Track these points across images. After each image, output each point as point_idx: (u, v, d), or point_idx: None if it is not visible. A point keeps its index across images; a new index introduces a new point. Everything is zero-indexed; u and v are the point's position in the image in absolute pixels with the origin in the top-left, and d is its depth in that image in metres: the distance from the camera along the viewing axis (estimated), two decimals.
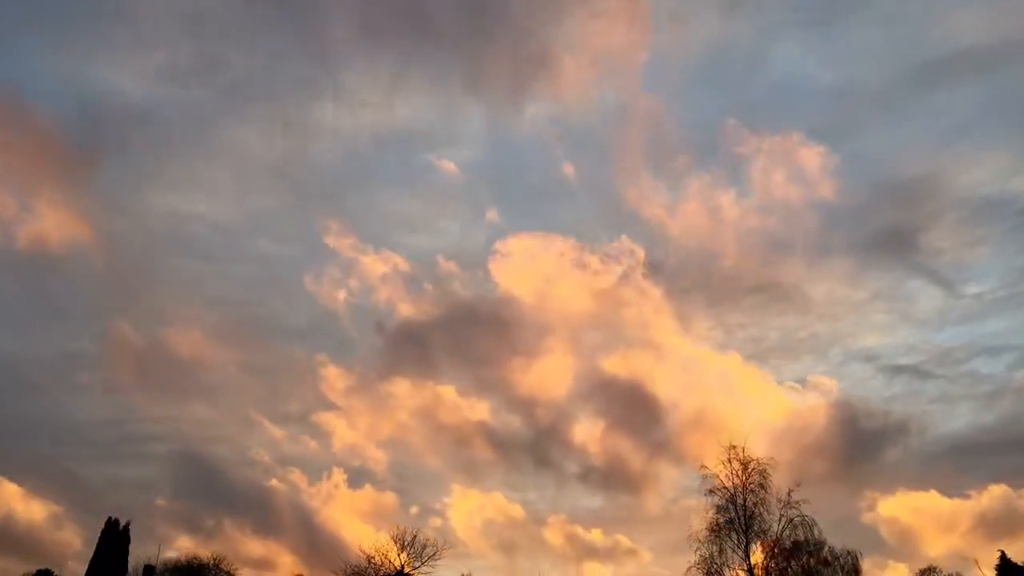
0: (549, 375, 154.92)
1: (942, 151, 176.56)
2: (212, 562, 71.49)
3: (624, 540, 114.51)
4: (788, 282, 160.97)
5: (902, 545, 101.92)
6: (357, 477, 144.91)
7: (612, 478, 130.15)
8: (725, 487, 54.40)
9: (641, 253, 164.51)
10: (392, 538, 65.59)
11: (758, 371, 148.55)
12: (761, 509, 53.72)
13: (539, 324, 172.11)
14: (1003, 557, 63.72)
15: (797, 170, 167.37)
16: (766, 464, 54.66)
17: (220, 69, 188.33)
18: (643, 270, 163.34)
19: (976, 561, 64.31)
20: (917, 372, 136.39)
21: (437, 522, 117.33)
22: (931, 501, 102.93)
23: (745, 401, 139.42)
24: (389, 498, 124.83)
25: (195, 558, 69.46)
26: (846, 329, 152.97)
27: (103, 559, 63.56)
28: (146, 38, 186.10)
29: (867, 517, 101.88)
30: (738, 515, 53.63)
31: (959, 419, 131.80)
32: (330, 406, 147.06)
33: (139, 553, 66.56)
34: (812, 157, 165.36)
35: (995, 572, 63.73)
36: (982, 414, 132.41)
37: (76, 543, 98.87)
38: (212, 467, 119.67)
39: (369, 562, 64.83)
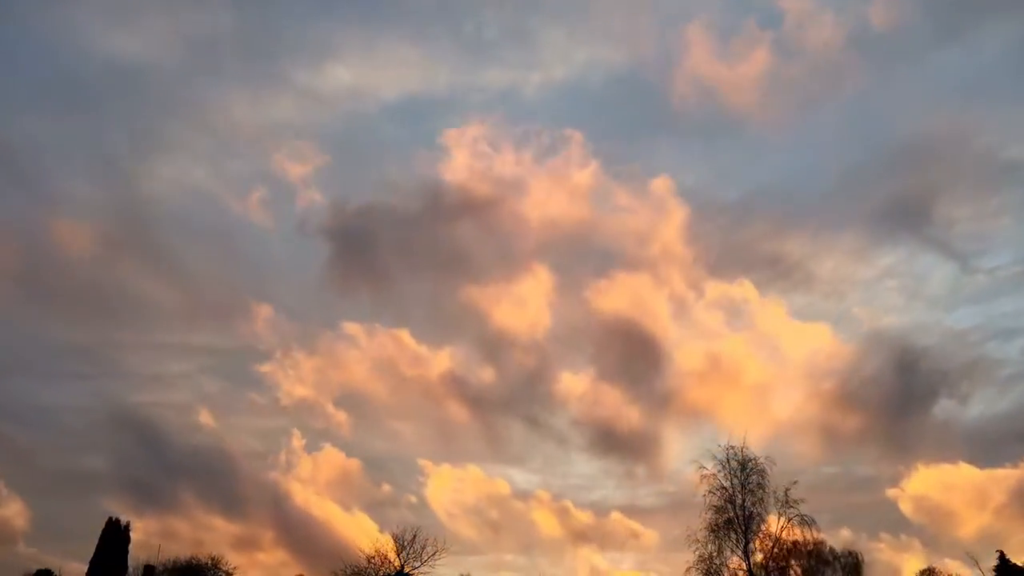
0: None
1: (958, 108, 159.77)
2: (210, 562, 71.54)
3: (626, 521, 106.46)
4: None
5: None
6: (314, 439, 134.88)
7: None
8: (724, 487, 54.42)
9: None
10: (392, 538, 65.73)
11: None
12: (760, 509, 53.84)
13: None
14: (1002, 557, 63.71)
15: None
16: (765, 464, 54.72)
17: None
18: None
19: (976, 561, 64.29)
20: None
21: (412, 499, 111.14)
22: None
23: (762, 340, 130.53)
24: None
25: (194, 558, 69.59)
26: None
27: (103, 559, 63.64)
28: None
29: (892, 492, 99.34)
30: (737, 515, 53.58)
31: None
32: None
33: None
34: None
35: (994, 573, 63.69)
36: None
37: None
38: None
39: (369, 562, 64.92)
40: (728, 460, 54.56)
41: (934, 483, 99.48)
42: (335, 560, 66.89)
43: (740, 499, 53.73)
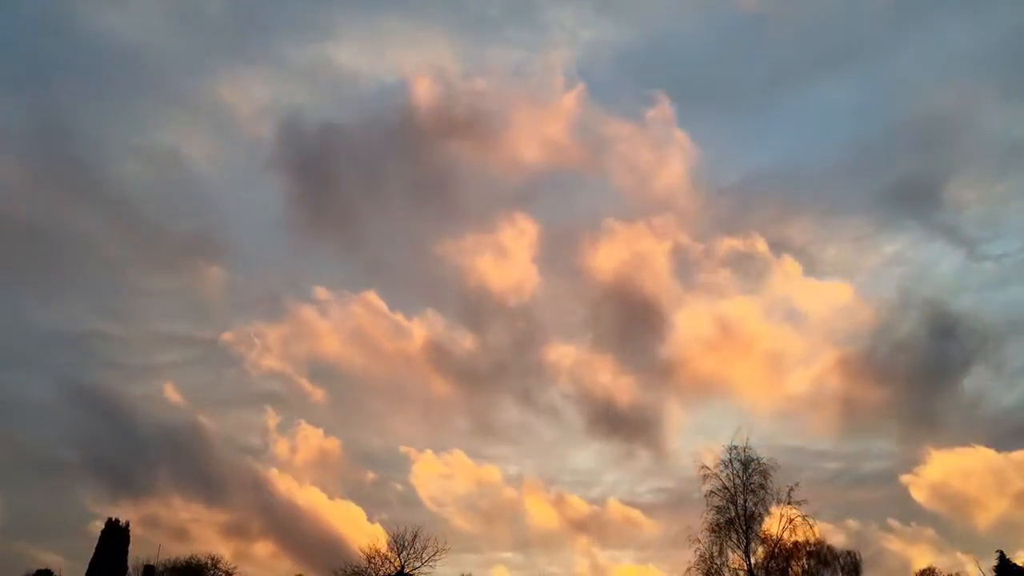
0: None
1: (965, 85, 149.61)
2: (210, 562, 71.41)
3: (625, 509, 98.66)
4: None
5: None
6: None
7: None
8: (726, 487, 54.61)
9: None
10: (392, 538, 65.71)
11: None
12: (761, 509, 54.10)
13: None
14: (1002, 557, 63.87)
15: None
16: (767, 464, 54.91)
17: None
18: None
19: (976, 561, 64.51)
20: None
21: (398, 487, 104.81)
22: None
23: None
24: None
25: (194, 558, 69.49)
26: None
27: (103, 559, 63.49)
28: None
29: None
30: (738, 515, 53.81)
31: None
32: None
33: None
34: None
35: (994, 573, 63.85)
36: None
37: None
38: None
39: (369, 562, 64.97)
40: (731, 460, 54.92)
41: (951, 468, 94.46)
42: (323, 548, 66.19)
43: (742, 499, 54.02)
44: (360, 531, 77.30)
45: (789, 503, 53.83)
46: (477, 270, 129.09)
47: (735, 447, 55.20)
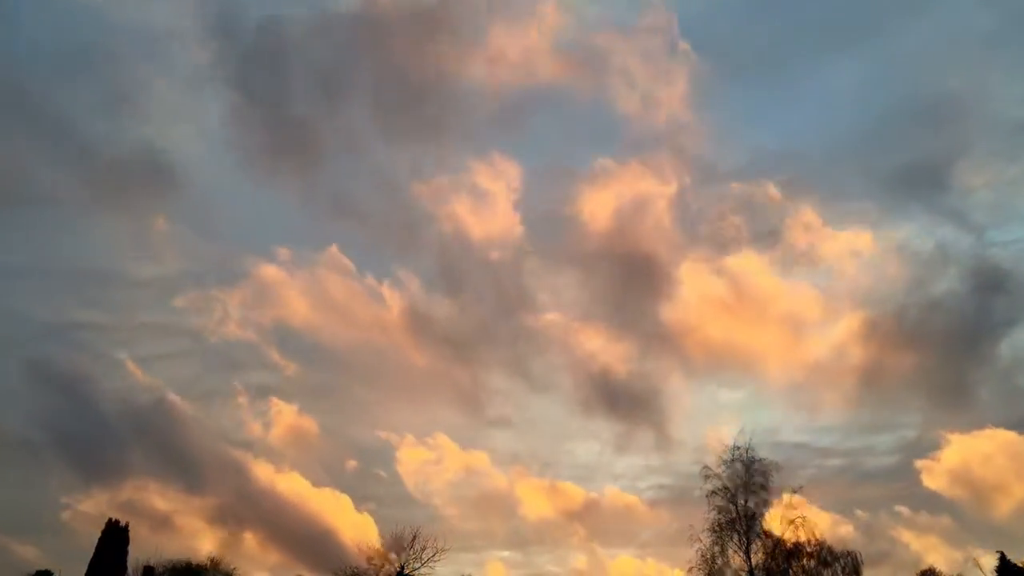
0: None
1: (972, 62, 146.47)
2: (210, 563, 71.30)
3: (623, 496, 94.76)
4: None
5: None
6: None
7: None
8: (727, 488, 54.78)
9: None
10: (392, 539, 65.73)
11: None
12: (763, 509, 54.35)
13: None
14: (1002, 558, 64.03)
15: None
16: (768, 465, 55.10)
17: None
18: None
19: (976, 561, 64.61)
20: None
21: (381, 474, 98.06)
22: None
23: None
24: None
25: (194, 558, 69.54)
26: None
27: (103, 559, 63.47)
28: None
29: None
30: (740, 515, 54.03)
31: None
32: None
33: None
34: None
35: (995, 573, 63.98)
36: None
37: None
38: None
39: (369, 563, 65.03)
40: (733, 460, 55.12)
41: (971, 453, 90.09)
42: (312, 538, 65.47)
43: (743, 499, 54.29)
44: (348, 521, 74.64)
45: (791, 504, 54.24)
46: (454, 218, 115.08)
47: (737, 448, 55.73)
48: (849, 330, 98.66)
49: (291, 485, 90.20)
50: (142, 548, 66.71)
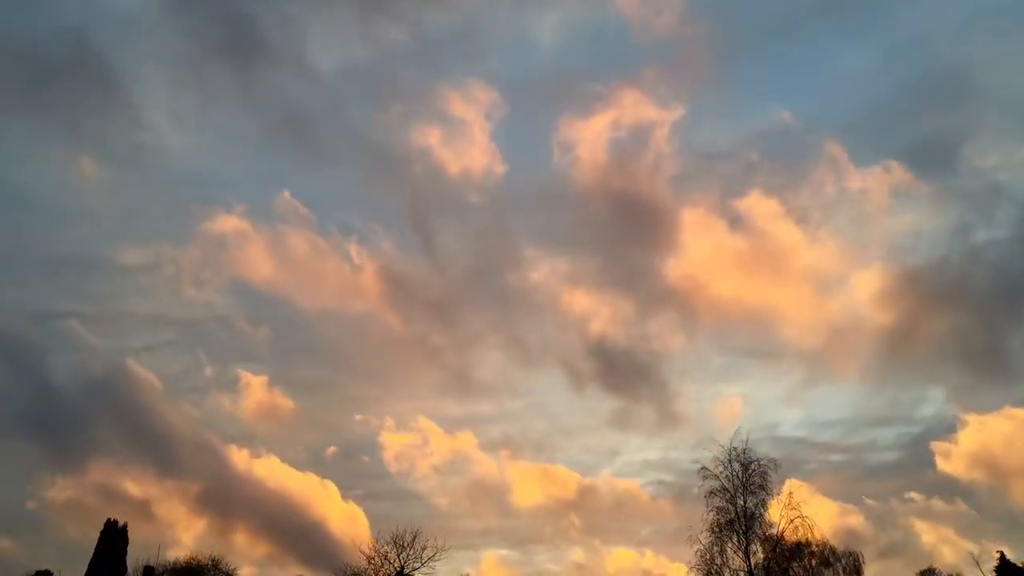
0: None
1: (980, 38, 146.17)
2: (211, 563, 71.42)
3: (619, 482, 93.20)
4: None
5: None
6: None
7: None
8: (726, 488, 54.62)
9: None
10: (392, 538, 65.69)
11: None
12: (762, 510, 54.13)
13: None
14: (1002, 558, 64.08)
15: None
16: (766, 465, 54.90)
17: None
18: None
19: (976, 561, 64.63)
20: None
21: (365, 459, 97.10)
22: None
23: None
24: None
25: (194, 558, 69.60)
26: None
27: (102, 559, 63.62)
28: None
29: None
30: (739, 516, 53.83)
31: None
32: None
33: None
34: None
35: (994, 573, 63.99)
36: None
37: None
38: None
39: (369, 563, 65.01)
40: (730, 461, 54.88)
41: (992, 433, 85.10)
42: (302, 528, 64.85)
43: (742, 500, 54.08)
44: (336, 511, 73.16)
45: (791, 503, 54.05)
46: (424, 158, 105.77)
47: (735, 448, 55.35)
48: (877, 286, 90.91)
49: (271, 470, 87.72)
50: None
